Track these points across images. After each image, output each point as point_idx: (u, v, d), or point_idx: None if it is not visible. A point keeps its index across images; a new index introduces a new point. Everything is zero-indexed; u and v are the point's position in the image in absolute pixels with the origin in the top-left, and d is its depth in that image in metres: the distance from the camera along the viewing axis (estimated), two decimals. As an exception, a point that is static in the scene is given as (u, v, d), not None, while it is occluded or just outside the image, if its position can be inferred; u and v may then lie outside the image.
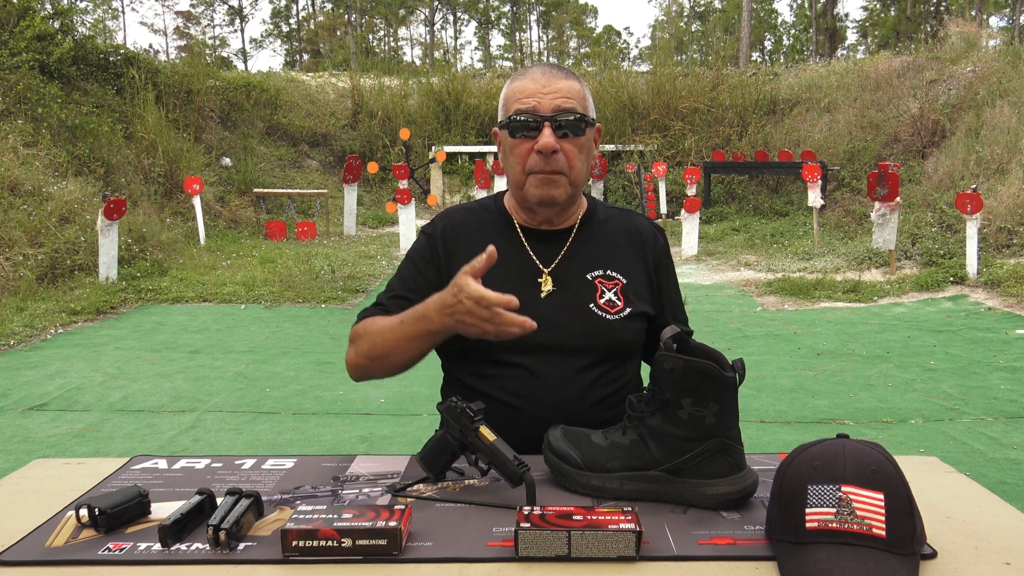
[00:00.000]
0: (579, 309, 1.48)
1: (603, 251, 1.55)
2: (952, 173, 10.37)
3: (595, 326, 1.47)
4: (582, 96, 1.46)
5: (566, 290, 1.50)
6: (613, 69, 16.90)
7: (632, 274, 1.54)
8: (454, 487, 1.25)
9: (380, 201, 14.10)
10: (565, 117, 1.43)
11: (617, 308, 1.49)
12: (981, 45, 14.46)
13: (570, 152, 1.44)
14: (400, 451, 1.30)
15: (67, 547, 1.05)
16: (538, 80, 1.45)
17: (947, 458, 2.97)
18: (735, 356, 1.17)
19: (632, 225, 1.61)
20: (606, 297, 1.50)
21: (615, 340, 1.49)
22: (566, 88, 1.44)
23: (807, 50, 44.70)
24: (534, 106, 1.43)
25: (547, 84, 1.44)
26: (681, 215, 10.65)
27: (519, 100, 1.45)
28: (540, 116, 1.42)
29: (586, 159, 1.49)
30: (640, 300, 1.53)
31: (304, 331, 6.22)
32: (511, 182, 1.52)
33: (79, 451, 3.69)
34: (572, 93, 1.44)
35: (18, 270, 7.33)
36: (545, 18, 58.63)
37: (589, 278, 1.51)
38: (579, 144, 1.45)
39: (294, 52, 53.22)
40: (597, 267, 1.53)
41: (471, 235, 1.55)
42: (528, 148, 1.44)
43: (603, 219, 1.60)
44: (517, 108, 1.44)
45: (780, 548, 0.99)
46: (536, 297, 1.49)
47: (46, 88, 10.29)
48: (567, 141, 1.44)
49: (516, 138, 1.46)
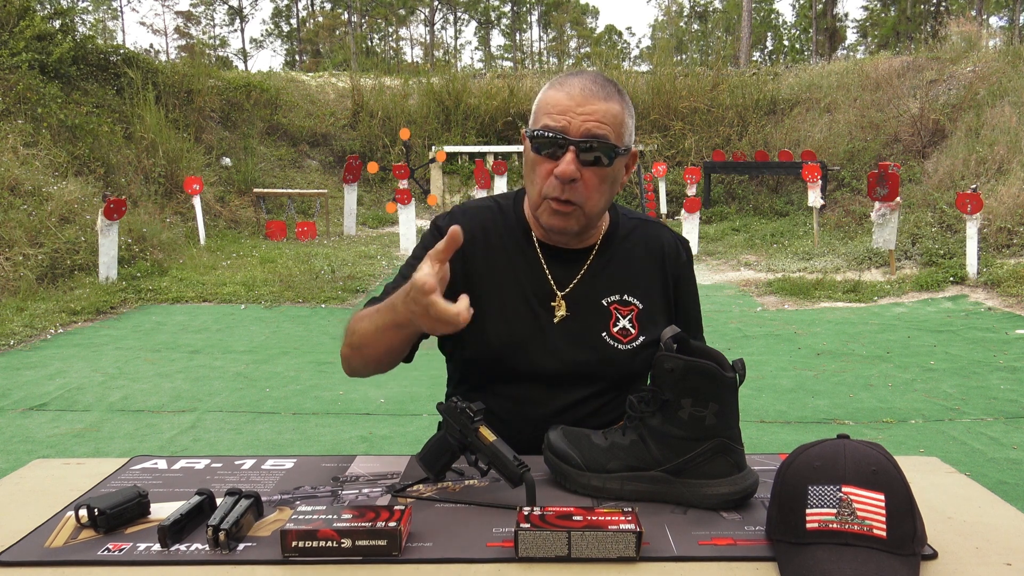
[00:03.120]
0: (591, 338, 1.44)
1: (622, 273, 1.48)
2: (952, 173, 10.37)
3: (606, 356, 1.43)
4: (619, 122, 1.34)
5: (579, 316, 1.44)
6: (613, 69, 16.90)
7: (649, 297, 1.49)
8: (454, 487, 1.24)
9: (380, 201, 14.10)
10: (594, 144, 1.31)
11: (630, 337, 1.44)
12: (981, 45, 14.46)
13: (590, 183, 1.34)
14: (400, 451, 1.29)
15: (67, 547, 1.05)
16: (575, 96, 1.32)
17: (947, 458, 2.97)
18: (735, 356, 1.17)
19: (655, 240, 1.53)
20: (620, 325, 1.45)
21: (625, 371, 1.45)
22: (602, 111, 1.32)
23: (807, 50, 44.71)
24: (564, 125, 1.31)
25: (583, 103, 1.32)
26: (681, 215, 10.65)
27: (550, 114, 1.33)
28: (567, 139, 1.31)
29: (608, 190, 1.38)
30: (655, 326, 1.47)
31: (304, 331, 6.22)
32: (529, 197, 1.44)
33: (79, 451, 3.69)
34: (608, 118, 1.32)
35: (18, 270, 7.33)
36: (545, 18, 58.64)
37: (604, 304, 1.45)
38: (602, 175, 1.35)
39: (294, 52, 53.24)
40: (614, 291, 1.47)
41: (487, 240, 1.47)
42: (549, 169, 1.35)
43: (625, 235, 1.52)
44: (546, 123, 1.33)
45: (780, 549, 0.99)
46: (549, 322, 1.44)
47: (46, 88, 10.28)
48: (590, 170, 1.33)
49: (539, 155, 1.36)
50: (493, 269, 1.46)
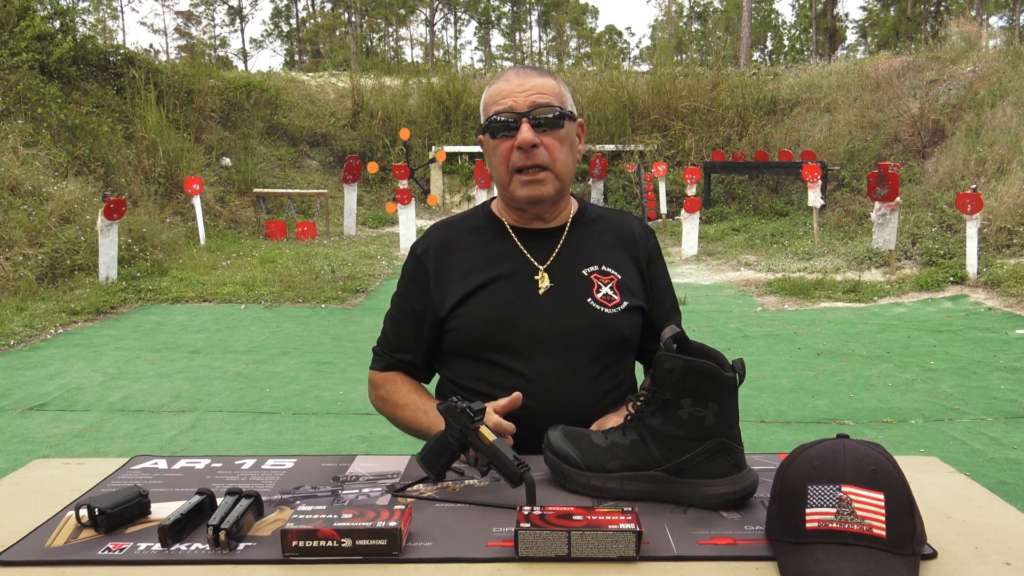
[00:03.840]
0: (577, 304, 1.49)
1: (596, 248, 1.56)
2: (952, 173, 10.37)
3: (595, 320, 1.48)
4: (558, 92, 1.48)
5: (563, 286, 1.51)
6: (613, 69, 16.89)
7: (625, 270, 1.55)
8: (454, 487, 1.25)
9: (380, 201, 14.10)
10: (543, 113, 1.44)
11: (614, 302, 1.50)
12: (981, 45, 14.47)
13: (551, 145, 1.46)
14: (400, 451, 1.30)
15: (67, 547, 1.05)
16: (512, 81, 1.47)
17: (947, 458, 2.97)
18: (735, 356, 1.17)
19: (623, 224, 1.62)
20: (603, 292, 1.51)
21: (614, 334, 1.50)
22: (540, 84, 1.46)
23: (807, 50, 44.72)
24: (511, 105, 1.44)
25: (522, 83, 1.46)
26: (681, 215, 10.65)
27: (496, 102, 1.46)
28: (517, 113, 1.44)
29: (569, 151, 1.49)
30: (635, 295, 1.54)
31: (304, 331, 6.22)
32: (498, 184, 1.53)
33: (79, 451, 3.69)
34: (547, 89, 1.46)
35: (18, 270, 7.33)
36: (545, 18, 58.64)
37: (585, 274, 1.52)
38: (559, 137, 1.46)
39: (294, 52, 53.23)
40: (591, 263, 1.54)
41: (460, 246, 1.56)
42: (509, 146, 1.45)
43: (594, 218, 1.61)
44: (495, 110, 1.46)
45: (780, 548, 0.99)
46: (535, 294, 1.50)
47: (46, 88, 10.29)
48: (547, 135, 1.45)
49: (497, 138, 1.47)
50: (472, 262, 1.54)
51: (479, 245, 1.56)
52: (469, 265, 1.53)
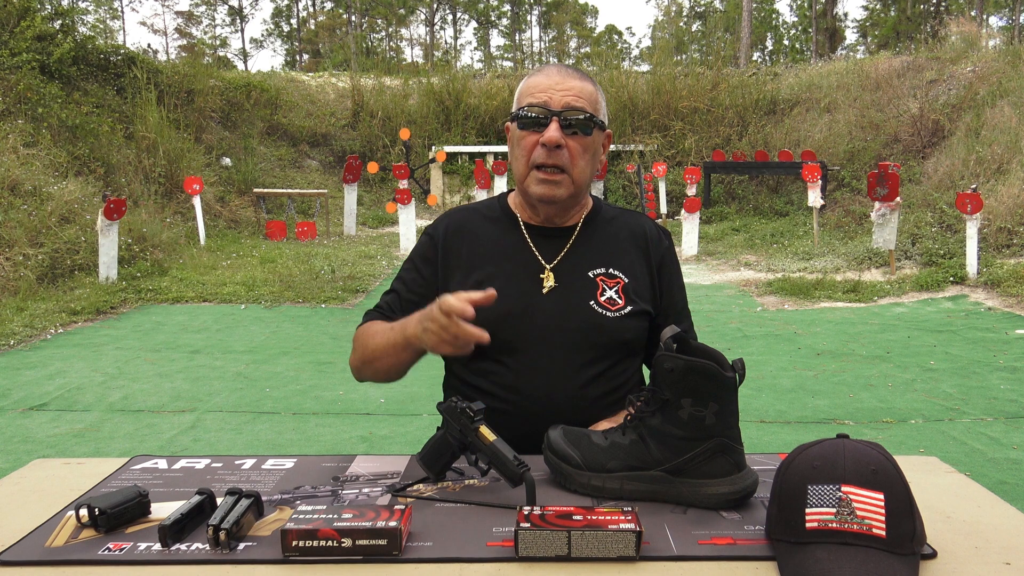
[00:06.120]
0: (579, 306, 1.49)
1: (606, 250, 1.55)
2: (952, 173, 10.37)
3: (595, 323, 1.48)
4: (595, 99, 1.47)
5: (567, 286, 1.51)
6: (613, 69, 16.89)
7: (634, 274, 1.54)
8: (454, 487, 1.25)
9: (380, 201, 14.09)
10: (575, 115, 1.44)
11: (618, 306, 1.50)
12: (981, 45, 14.46)
13: (575, 150, 1.45)
14: (400, 451, 1.30)
15: (67, 547, 1.05)
16: (552, 77, 1.46)
17: (947, 458, 2.97)
18: (735, 356, 1.17)
19: (637, 226, 1.61)
20: (607, 295, 1.50)
21: (614, 338, 1.49)
22: (579, 88, 1.45)
23: (807, 50, 44.69)
24: (545, 101, 1.44)
25: (561, 81, 1.45)
26: (681, 215, 10.65)
27: (531, 94, 1.46)
28: (549, 111, 1.43)
29: (591, 160, 1.49)
30: (641, 299, 1.53)
31: (304, 331, 6.22)
32: (516, 175, 1.53)
33: (79, 451, 3.69)
34: (584, 94, 1.45)
35: (18, 270, 7.33)
36: (545, 18, 58.63)
37: (591, 275, 1.52)
38: (584, 144, 1.46)
39: (294, 52, 53.23)
40: (599, 265, 1.53)
41: (474, 234, 1.56)
42: (534, 141, 1.45)
43: (608, 218, 1.60)
44: (528, 102, 1.46)
45: (780, 548, 0.99)
46: (538, 292, 1.50)
47: (46, 88, 10.28)
48: (573, 139, 1.45)
49: (524, 131, 1.47)
50: (481, 252, 1.54)
51: (490, 236, 1.56)
52: (477, 254, 1.54)
